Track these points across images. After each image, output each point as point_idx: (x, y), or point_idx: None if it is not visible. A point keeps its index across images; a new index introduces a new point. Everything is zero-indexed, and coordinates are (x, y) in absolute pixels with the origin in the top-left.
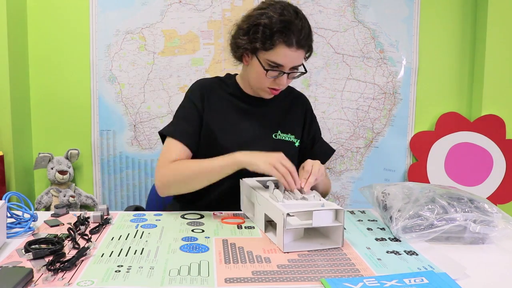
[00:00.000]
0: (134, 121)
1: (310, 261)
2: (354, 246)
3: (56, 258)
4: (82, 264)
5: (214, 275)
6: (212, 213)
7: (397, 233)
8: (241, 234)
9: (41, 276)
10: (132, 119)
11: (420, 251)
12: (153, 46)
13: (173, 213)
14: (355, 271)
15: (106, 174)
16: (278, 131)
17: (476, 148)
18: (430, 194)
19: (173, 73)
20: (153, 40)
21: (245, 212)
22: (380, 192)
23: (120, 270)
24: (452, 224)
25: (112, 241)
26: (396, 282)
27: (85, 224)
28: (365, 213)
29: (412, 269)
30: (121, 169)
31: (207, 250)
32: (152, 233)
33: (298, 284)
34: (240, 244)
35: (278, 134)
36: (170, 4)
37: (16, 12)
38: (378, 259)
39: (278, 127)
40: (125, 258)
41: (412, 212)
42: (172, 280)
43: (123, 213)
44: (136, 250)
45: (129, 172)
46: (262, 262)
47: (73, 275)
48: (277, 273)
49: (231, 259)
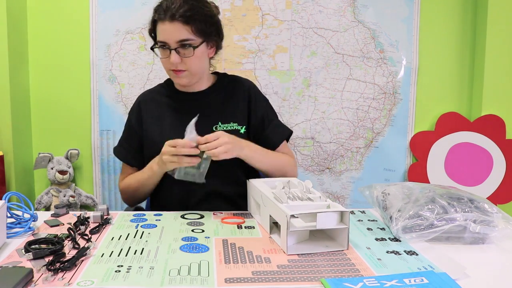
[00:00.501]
0: None
1: (310, 261)
2: (354, 246)
3: (56, 258)
4: (82, 264)
5: (214, 275)
6: (212, 213)
7: (397, 233)
8: (241, 234)
9: (41, 276)
10: None
11: (420, 251)
12: None
13: (173, 213)
14: (355, 271)
15: (106, 174)
16: (218, 122)
17: (476, 148)
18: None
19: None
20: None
21: (252, 214)
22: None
23: (120, 270)
24: (452, 224)
25: (112, 241)
26: (396, 282)
27: (85, 224)
28: (365, 213)
29: (412, 269)
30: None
31: (207, 250)
32: (152, 233)
33: (298, 284)
34: (240, 244)
35: (218, 126)
36: None
37: (16, 12)
38: (378, 259)
39: (218, 119)
40: (125, 258)
41: (412, 212)
42: (172, 280)
43: (123, 213)
44: (136, 250)
45: None
46: (262, 262)
47: (73, 275)
48: (277, 273)
49: (231, 259)
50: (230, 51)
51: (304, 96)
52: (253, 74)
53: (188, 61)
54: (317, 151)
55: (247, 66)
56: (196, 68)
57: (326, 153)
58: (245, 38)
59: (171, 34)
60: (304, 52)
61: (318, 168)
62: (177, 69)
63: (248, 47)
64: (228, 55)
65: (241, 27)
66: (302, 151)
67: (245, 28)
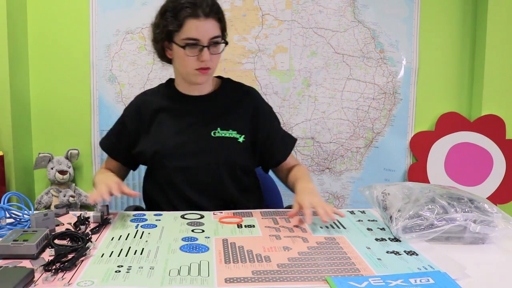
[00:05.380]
0: None
1: (310, 260)
2: (354, 245)
3: (57, 258)
4: (82, 264)
5: (214, 275)
6: (212, 213)
7: (397, 233)
8: (241, 233)
9: (41, 276)
10: None
11: (420, 251)
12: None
13: (173, 213)
14: (355, 271)
15: None
16: (217, 128)
17: (476, 148)
18: (430, 194)
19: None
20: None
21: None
22: (380, 192)
23: (120, 270)
24: (452, 224)
25: (112, 241)
26: (401, 281)
27: (85, 224)
28: (365, 213)
29: (412, 269)
30: None
31: (207, 250)
32: (152, 233)
33: (299, 284)
34: (240, 243)
35: (217, 132)
36: None
37: (16, 12)
38: (378, 259)
39: (217, 124)
40: (125, 258)
41: (412, 212)
42: (172, 280)
43: (123, 213)
44: (136, 250)
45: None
46: (262, 261)
47: (73, 275)
48: (277, 272)
49: (231, 258)
50: (230, 51)
51: (304, 96)
52: (253, 74)
53: (214, 59)
54: (317, 151)
55: (247, 66)
56: (216, 66)
57: (326, 153)
58: (245, 38)
59: (207, 31)
60: (304, 52)
61: (318, 168)
62: (206, 66)
63: (248, 47)
64: (228, 55)
65: (241, 27)
66: (302, 151)
67: (245, 28)
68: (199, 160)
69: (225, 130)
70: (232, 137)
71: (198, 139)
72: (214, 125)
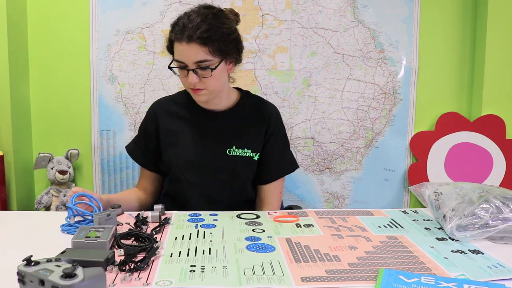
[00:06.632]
0: (134, 121)
1: (379, 259)
2: (418, 245)
3: (127, 258)
4: (154, 264)
5: (289, 274)
6: (267, 213)
7: (451, 231)
8: (302, 232)
9: (117, 275)
10: (132, 119)
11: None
12: (153, 46)
13: (228, 213)
14: (426, 269)
15: (106, 174)
16: (233, 146)
17: (476, 148)
18: (484, 194)
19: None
20: (153, 40)
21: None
22: (432, 191)
23: (195, 270)
24: (507, 224)
25: (177, 241)
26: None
27: (146, 224)
28: (418, 213)
29: (483, 267)
30: (121, 169)
31: (274, 250)
32: (214, 233)
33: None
34: (304, 243)
35: (232, 150)
36: (170, 4)
37: (16, 13)
38: (445, 258)
39: (233, 142)
40: (195, 258)
41: (466, 211)
42: (249, 280)
43: (178, 213)
44: (203, 250)
45: (129, 172)
46: (332, 260)
47: (148, 275)
48: (351, 271)
49: (300, 258)
50: None
51: (304, 96)
52: (253, 74)
53: (206, 81)
54: (317, 151)
55: (247, 66)
56: (215, 87)
57: (326, 153)
58: (245, 38)
59: (189, 55)
60: (304, 52)
61: (318, 168)
62: (196, 88)
63: (248, 47)
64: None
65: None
66: (302, 151)
67: (245, 28)
68: (212, 176)
69: (240, 148)
70: (247, 156)
71: (213, 157)
72: (230, 143)
